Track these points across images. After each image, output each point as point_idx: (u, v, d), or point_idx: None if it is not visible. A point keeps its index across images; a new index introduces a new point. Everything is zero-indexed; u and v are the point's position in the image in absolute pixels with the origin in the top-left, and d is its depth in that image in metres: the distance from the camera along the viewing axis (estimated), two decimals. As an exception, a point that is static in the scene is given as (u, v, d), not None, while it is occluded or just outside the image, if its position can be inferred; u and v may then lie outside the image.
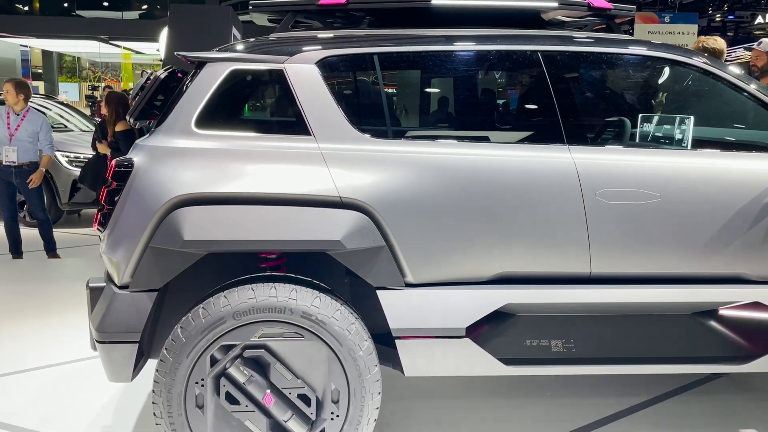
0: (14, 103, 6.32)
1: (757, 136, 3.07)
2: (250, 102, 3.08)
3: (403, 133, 3.13)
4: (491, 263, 2.64)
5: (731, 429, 3.10)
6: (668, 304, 2.75)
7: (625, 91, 4.02)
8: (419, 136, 3.02)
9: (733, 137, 3.27)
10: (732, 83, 2.83)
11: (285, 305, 2.41)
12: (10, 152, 6.26)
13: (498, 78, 3.66)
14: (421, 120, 3.83)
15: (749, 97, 2.84)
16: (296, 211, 2.48)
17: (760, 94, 2.82)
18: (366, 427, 2.50)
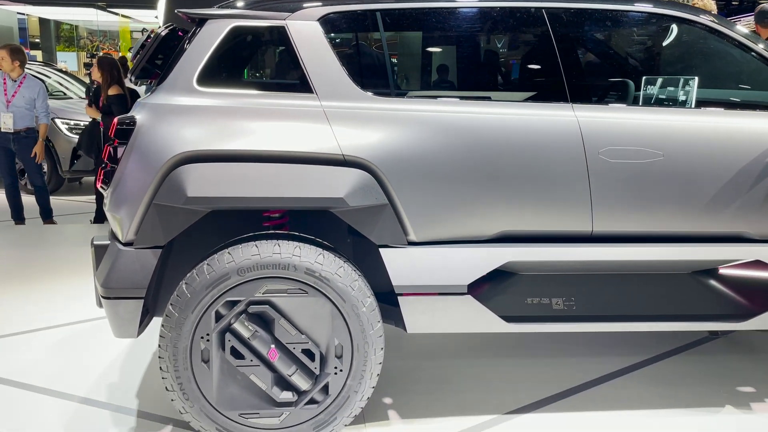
0: (10, 69, 6.28)
1: (762, 95, 3.06)
2: (252, 59, 3.05)
3: (406, 91, 3.11)
4: (493, 222, 2.65)
5: (729, 387, 3.15)
6: (669, 262, 2.77)
7: (630, 49, 3.99)
8: (422, 95, 3.00)
9: (738, 97, 3.25)
10: (739, 42, 2.81)
11: (289, 262, 2.43)
12: (7, 119, 6.24)
13: (502, 36, 3.62)
14: (424, 78, 3.80)
15: (757, 56, 2.81)
16: (299, 168, 2.48)
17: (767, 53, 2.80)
18: (369, 381, 2.54)
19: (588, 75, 3.43)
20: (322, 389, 2.53)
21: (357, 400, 2.54)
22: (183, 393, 2.45)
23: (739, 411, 2.92)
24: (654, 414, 2.89)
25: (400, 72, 3.21)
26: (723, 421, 2.85)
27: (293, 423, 2.52)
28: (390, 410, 2.93)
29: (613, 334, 3.71)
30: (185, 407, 2.46)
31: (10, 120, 6.24)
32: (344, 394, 2.52)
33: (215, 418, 2.47)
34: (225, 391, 2.49)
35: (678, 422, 2.82)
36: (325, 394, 2.53)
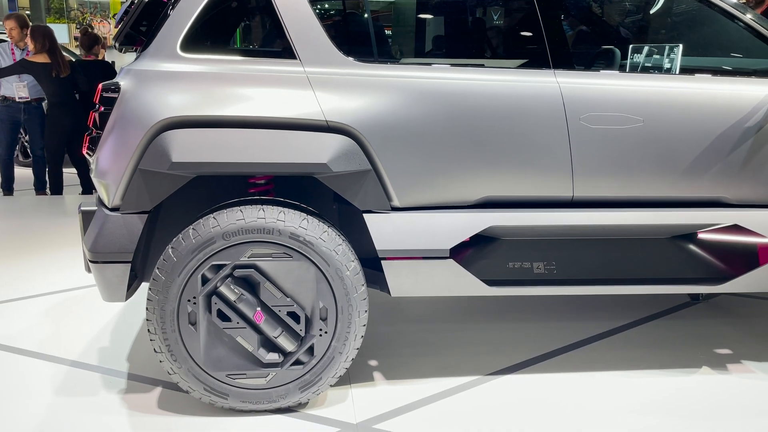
0: (20, 39, 6.30)
1: (744, 63, 3.08)
2: (236, 25, 3.05)
3: (390, 57, 3.12)
4: (475, 187, 2.69)
5: (707, 350, 3.23)
6: (648, 227, 2.82)
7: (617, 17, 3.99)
8: (405, 61, 3.01)
9: (720, 64, 3.27)
10: (726, 11, 2.81)
11: (273, 226, 2.47)
12: (21, 88, 6.28)
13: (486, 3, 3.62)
14: (407, 44, 3.81)
15: (743, 26, 2.82)
16: (283, 134, 2.51)
17: (754, 23, 2.81)
18: (353, 342, 2.60)
19: (571, 42, 3.43)
20: (308, 351, 2.59)
21: (342, 361, 2.61)
22: (171, 355, 2.50)
23: (715, 372, 3.01)
24: (632, 375, 2.97)
25: (384, 38, 3.21)
26: (699, 381, 2.93)
27: (279, 383, 2.58)
28: (375, 372, 3.00)
29: (595, 298, 3.78)
30: (173, 368, 2.52)
31: (25, 89, 6.28)
32: (329, 356, 2.59)
33: (203, 378, 2.53)
34: (212, 352, 2.54)
35: (655, 382, 2.90)
36: (310, 356, 2.59)
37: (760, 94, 2.72)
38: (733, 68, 3.15)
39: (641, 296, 3.73)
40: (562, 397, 2.78)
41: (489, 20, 3.53)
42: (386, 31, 3.56)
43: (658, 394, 2.80)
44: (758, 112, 2.70)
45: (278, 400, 2.59)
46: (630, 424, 2.57)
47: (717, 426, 2.56)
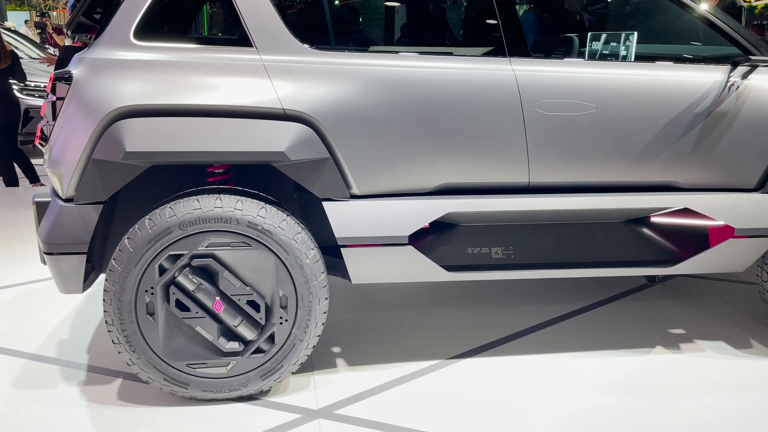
0: None
1: (695, 50, 3.16)
2: (191, 12, 3.02)
3: (347, 45, 3.12)
4: (433, 174, 2.71)
5: (661, 330, 3.32)
6: (603, 211, 2.88)
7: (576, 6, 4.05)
8: (362, 49, 3.02)
9: (673, 52, 3.34)
10: (680, 2, 2.87)
11: (231, 215, 2.47)
12: None
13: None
14: (365, 32, 3.81)
15: (696, 15, 2.88)
16: (239, 123, 2.50)
17: (706, 13, 2.86)
18: (314, 330, 2.62)
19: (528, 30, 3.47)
20: (268, 339, 2.60)
21: (303, 348, 2.62)
22: (129, 345, 2.49)
23: (668, 351, 3.10)
24: (590, 355, 3.05)
25: (341, 26, 3.21)
26: (653, 360, 3.02)
27: (240, 371, 2.59)
28: (338, 358, 3.03)
29: (553, 281, 3.86)
30: (132, 359, 2.51)
31: None
32: (290, 343, 2.60)
33: (163, 368, 2.53)
34: (171, 342, 2.54)
35: (614, 362, 2.98)
36: (271, 344, 2.60)
37: (708, 81, 2.79)
38: (685, 55, 3.23)
39: (599, 279, 3.82)
40: (524, 378, 2.84)
41: (446, 9, 3.55)
42: (344, 18, 3.56)
43: (617, 373, 2.88)
44: (707, 98, 2.77)
45: (239, 389, 2.60)
46: (591, 403, 2.64)
47: (673, 403, 2.64)
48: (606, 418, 2.54)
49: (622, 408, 2.61)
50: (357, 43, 3.41)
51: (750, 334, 3.27)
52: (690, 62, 2.99)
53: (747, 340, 3.21)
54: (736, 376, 2.87)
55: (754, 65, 2.80)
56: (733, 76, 2.79)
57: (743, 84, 2.78)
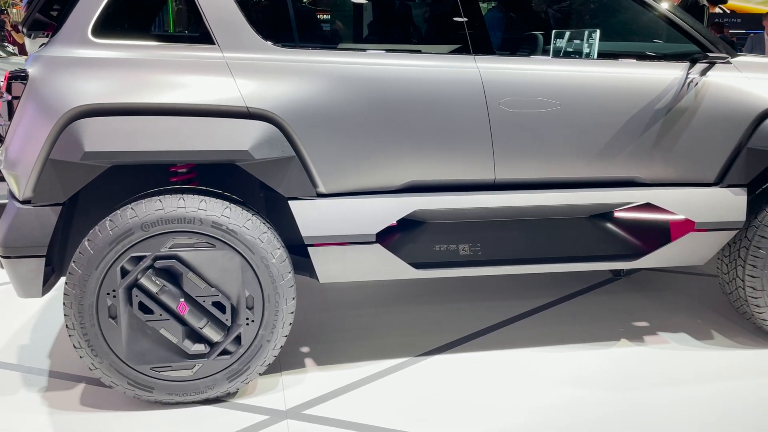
0: None
1: (656, 47, 3.21)
2: (151, 9, 2.96)
3: (311, 42, 3.10)
4: (400, 172, 2.71)
5: (626, 323, 3.38)
6: (568, 207, 2.91)
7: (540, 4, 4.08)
8: (327, 46, 3.00)
9: (634, 49, 3.40)
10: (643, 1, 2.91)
11: (194, 216, 2.43)
12: None
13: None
14: (330, 30, 3.79)
15: (656, 14, 2.93)
16: (202, 121, 2.46)
17: (667, 11, 2.91)
18: (281, 330, 2.59)
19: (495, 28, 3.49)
20: (235, 340, 2.57)
21: (270, 349, 2.60)
22: (91, 349, 2.44)
23: (633, 344, 3.15)
24: (557, 350, 3.08)
25: (305, 23, 3.18)
26: (618, 352, 3.06)
27: (207, 374, 2.56)
28: (306, 358, 3.01)
29: (521, 277, 3.89)
30: (94, 364, 2.46)
31: None
32: (257, 344, 2.57)
33: (126, 372, 2.48)
34: (135, 345, 2.49)
35: (577, 356, 3.02)
36: (237, 345, 2.57)
37: (668, 78, 2.84)
38: (647, 53, 3.28)
39: (565, 273, 3.86)
40: (493, 374, 2.86)
41: (412, 7, 3.55)
42: (309, 16, 3.53)
43: (584, 367, 2.92)
44: (667, 95, 2.82)
45: (206, 391, 2.57)
46: (560, 397, 2.67)
47: (638, 395, 2.69)
48: (575, 411, 2.57)
49: (590, 401, 2.65)
50: (322, 41, 3.39)
51: (711, 326, 3.34)
52: (651, 59, 3.04)
53: (708, 331, 3.28)
54: (698, 367, 2.93)
55: (712, 62, 2.86)
56: (692, 73, 2.84)
57: (702, 81, 2.84)
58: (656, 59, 3.04)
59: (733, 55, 2.95)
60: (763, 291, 2.97)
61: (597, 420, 2.52)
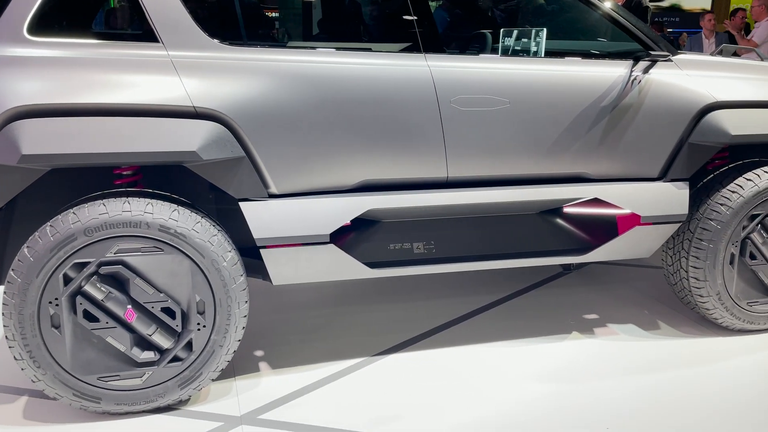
0: None
1: (600, 46, 3.29)
2: (91, 6, 2.85)
3: (260, 40, 3.05)
4: (353, 171, 2.69)
5: (577, 316, 3.45)
6: (519, 203, 2.95)
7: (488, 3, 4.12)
8: (276, 44, 2.95)
9: (581, 47, 3.47)
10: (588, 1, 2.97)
11: (140, 219, 2.36)
12: None
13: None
14: (279, 28, 3.74)
15: (602, 13, 2.99)
16: (146, 122, 2.38)
17: (611, 11, 2.98)
18: (234, 334, 2.54)
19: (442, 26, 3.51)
20: (186, 346, 2.50)
21: (222, 354, 2.54)
22: (33, 361, 2.34)
23: (584, 336, 3.22)
24: (511, 345, 3.12)
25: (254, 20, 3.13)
26: (570, 345, 3.12)
27: (157, 382, 2.48)
28: (260, 362, 2.96)
29: (475, 273, 3.93)
30: (37, 375, 2.36)
31: None
32: (209, 350, 2.51)
33: (71, 383, 2.39)
34: (80, 355, 2.40)
35: (531, 350, 3.07)
36: (189, 351, 2.51)
37: (613, 75, 2.90)
38: (592, 51, 3.35)
39: (517, 269, 3.92)
40: (448, 371, 2.87)
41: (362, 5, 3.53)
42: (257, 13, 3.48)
43: (538, 361, 2.96)
44: (612, 92, 2.88)
45: (156, 400, 2.50)
46: (515, 391, 2.70)
47: (590, 386, 2.75)
48: (530, 405, 2.61)
49: (545, 395, 2.69)
50: (271, 39, 3.34)
51: (657, 316, 3.44)
52: (596, 58, 3.10)
53: (655, 321, 3.38)
54: (647, 357, 3.01)
55: (654, 60, 2.94)
56: (636, 70, 2.92)
57: (645, 78, 2.92)
58: (601, 57, 3.11)
59: (674, 53, 3.04)
60: (706, 281, 3.07)
61: (553, 412, 2.56)
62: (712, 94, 2.97)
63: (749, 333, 3.23)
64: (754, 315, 3.19)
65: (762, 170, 3.06)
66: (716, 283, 3.07)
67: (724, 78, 3.06)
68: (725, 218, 3.01)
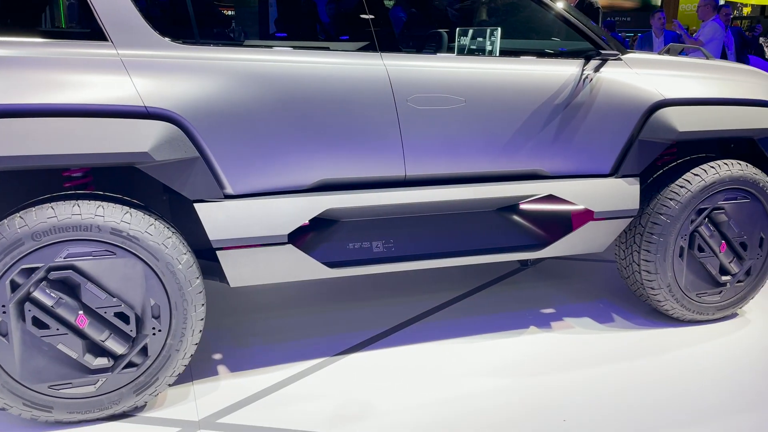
0: None
1: (553, 45, 3.35)
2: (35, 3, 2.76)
3: (214, 39, 3.00)
4: (311, 171, 2.67)
5: (535, 311, 3.51)
6: (476, 201, 2.98)
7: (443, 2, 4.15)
8: (230, 43, 2.91)
9: (535, 47, 3.52)
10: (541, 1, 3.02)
11: (91, 222, 2.29)
12: None
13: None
14: (233, 26, 3.69)
15: (554, 13, 3.04)
16: (96, 122, 2.32)
17: (563, 12, 3.03)
18: (191, 338, 2.50)
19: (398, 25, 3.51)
20: (141, 351, 2.45)
21: (179, 358, 2.50)
22: (-21, 371, 2.25)
23: (541, 331, 3.28)
24: (471, 340, 3.15)
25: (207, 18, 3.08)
26: (528, 340, 3.17)
27: (112, 388, 2.43)
28: (219, 365, 2.92)
29: (434, 271, 3.95)
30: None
31: None
32: (165, 354, 2.47)
33: (21, 393, 2.31)
34: (30, 363, 2.32)
35: (491, 345, 3.11)
36: (144, 356, 2.46)
37: (566, 74, 2.96)
38: (545, 50, 3.41)
39: (475, 266, 3.96)
40: (409, 369, 2.88)
41: (317, 3, 3.51)
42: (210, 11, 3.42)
43: (499, 355, 3.00)
44: (564, 91, 2.94)
45: (111, 407, 2.44)
46: (479, 386, 2.73)
47: (547, 379, 2.79)
48: (491, 399, 2.64)
49: (506, 388, 2.72)
50: (225, 37, 3.30)
51: (612, 309, 3.53)
52: (550, 57, 3.15)
53: (609, 314, 3.46)
54: (601, 349, 3.08)
55: (605, 59, 3.01)
56: (587, 69, 2.98)
57: (596, 76, 2.98)
58: (554, 56, 3.16)
59: (623, 52, 3.11)
60: (657, 274, 3.16)
61: (511, 405, 2.59)
62: (660, 92, 3.06)
63: (699, 323, 3.34)
64: (703, 306, 3.30)
65: (708, 165, 3.16)
66: (667, 275, 3.16)
67: (672, 76, 3.15)
68: (674, 212, 3.10)
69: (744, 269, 3.30)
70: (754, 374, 2.87)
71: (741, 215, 3.23)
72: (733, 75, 3.36)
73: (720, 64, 3.51)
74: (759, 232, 3.28)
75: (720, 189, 3.15)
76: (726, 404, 2.63)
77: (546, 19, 3.32)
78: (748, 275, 3.33)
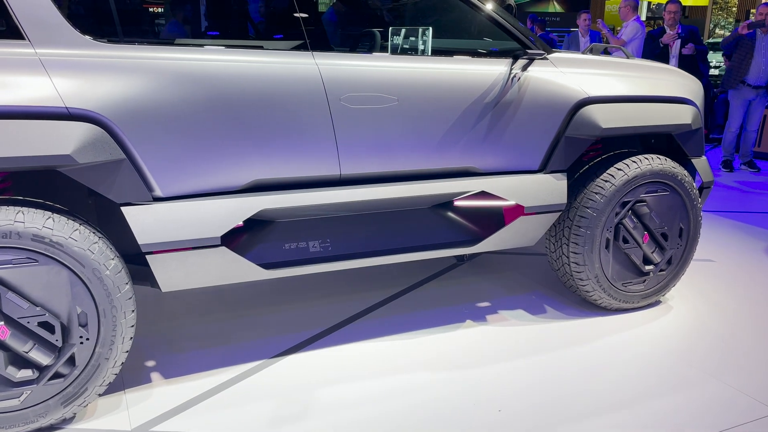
0: None
1: (482, 44, 3.42)
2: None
3: (139, 37, 2.92)
4: (243, 172, 2.64)
5: (470, 305, 3.58)
6: (411, 198, 3.01)
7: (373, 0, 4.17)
8: (157, 42, 2.84)
9: (466, 46, 3.59)
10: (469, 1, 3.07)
11: (11, 229, 2.19)
12: None
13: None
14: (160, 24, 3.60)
15: (484, 14, 3.10)
16: (13, 124, 2.21)
17: (491, 12, 3.09)
18: (121, 346, 2.43)
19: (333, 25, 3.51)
20: (68, 361, 2.36)
21: (109, 367, 2.42)
22: None
23: (477, 324, 3.35)
24: (410, 336, 3.19)
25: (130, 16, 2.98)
26: (465, 333, 3.24)
27: (37, 401, 2.33)
28: (152, 372, 2.84)
29: (371, 269, 3.98)
30: None
31: None
32: (94, 363, 2.39)
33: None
34: (-54, 380, 2.20)
35: (429, 340, 3.15)
36: (71, 366, 2.37)
37: (495, 73, 3.03)
38: (476, 49, 3.47)
39: (412, 262, 4.01)
40: (348, 367, 2.89)
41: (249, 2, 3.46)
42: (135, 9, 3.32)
43: (437, 349, 3.05)
44: (494, 89, 3.00)
45: (37, 420, 2.34)
46: (418, 380, 2.76)
47: (483, 371, 2.86)
48: (431, 392, 2.68)
49: (444, 381, 2.77)
50: (152, 36, 3.21)
51: (544, 300, 3.64)
52: (480, 56, 3.22)
53: (542, 305, 3.57)
54: (534, 339, 3.18)
55: (532, 58, 3.10)
56: (515, 68, 3.06)
57: (523, 75, 3.07)
58: (484, 56, 3.23)
59: (549, 51, 3.21)
60: (585, 265, 3.28)
61: (448, 397, 2.64)
62: (584, 90, 3.17)
63: (626, 311, 3.49)
64: (629, 294, 3.45)
65: (631, 160, 3.31)
66: (594, 266, 3.29)
67: (595, 75, 3.27)
68: (600, 206, 3.23)
69: (665, 258, 3.46)
70: (675, 358, 3.02)
71: (661, 207, 3.39)
72: (653, 73, 3.52)
73: (640, 63, 3.67)
74: (678, 222, 3.46)
75: (642, 182, 3.30)
76: (652, 387, 2.76)
77: (476, 19, 3.39)
78: (669, 264, 3.50)
